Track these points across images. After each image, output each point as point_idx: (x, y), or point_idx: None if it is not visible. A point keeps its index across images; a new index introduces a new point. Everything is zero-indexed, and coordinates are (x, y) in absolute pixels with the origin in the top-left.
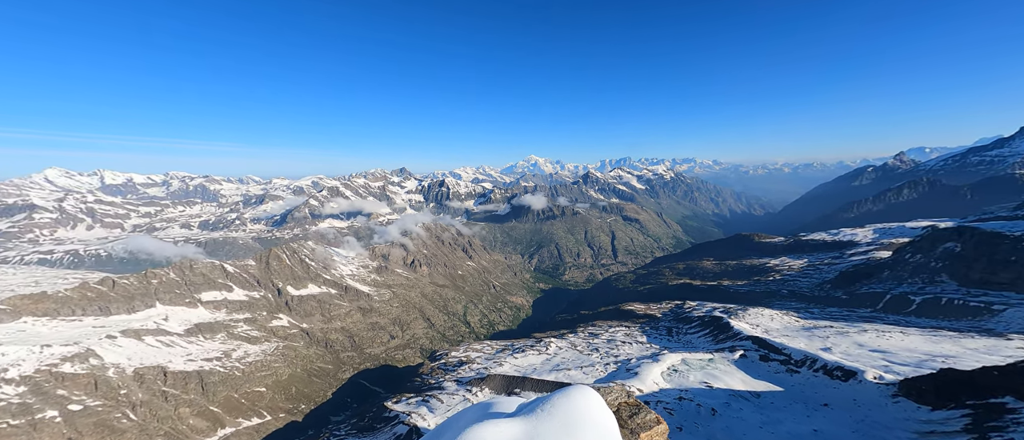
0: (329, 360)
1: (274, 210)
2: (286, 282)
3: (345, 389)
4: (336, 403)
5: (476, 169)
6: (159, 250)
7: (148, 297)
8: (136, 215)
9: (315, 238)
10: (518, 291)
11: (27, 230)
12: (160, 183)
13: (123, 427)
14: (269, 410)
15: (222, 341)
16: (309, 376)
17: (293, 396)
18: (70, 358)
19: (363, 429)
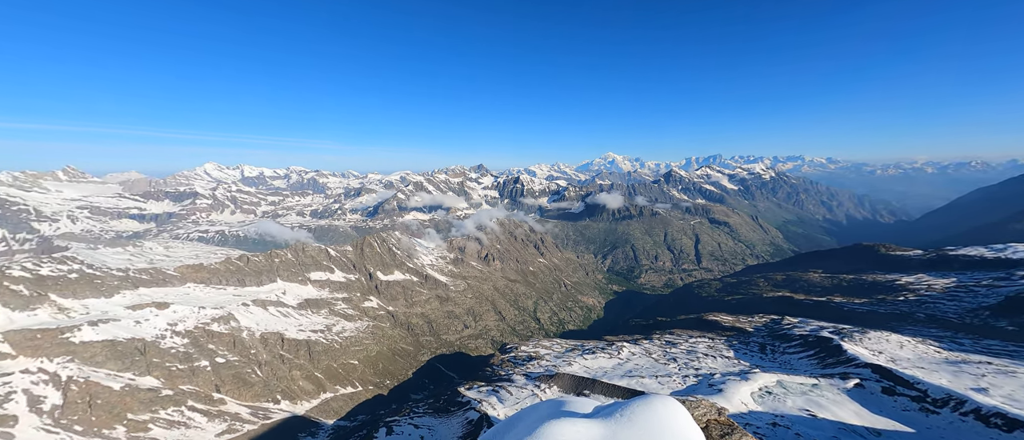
0: (410, 342)
1: (368, 202)
2: (376, 267)
3: (423, 370)
4: (415, 383)
5: (551, 166)
6: (280, 233)
7: (271, 273)
8: (265, 203)
9: (401, 229)
10: (589, 291)
11: (191, 213)
12: (282, 176)
13: (253, 381)
14: (360, 381)
15: (325, 316)
16: (393, 355)
17: (379, 371)
18: (217, 319)
19: (438, 410)
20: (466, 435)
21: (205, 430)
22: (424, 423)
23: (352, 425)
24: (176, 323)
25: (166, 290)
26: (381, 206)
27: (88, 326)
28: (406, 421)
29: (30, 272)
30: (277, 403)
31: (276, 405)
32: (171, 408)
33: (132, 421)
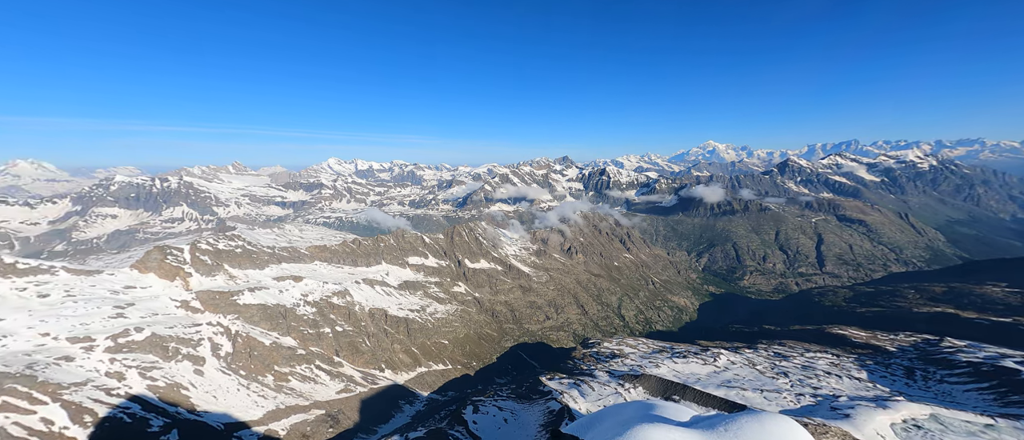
0: (494, 328)
1: (458, 193)
2: (464, 255)
3: (506, 356)
4: (499, 367)
5: (640, 157)
6: (383, 220)
7: (377, 256)
8: (373, 194)
9: (487, 219)
10: (681, 291)
11: (318, 201)
12: (387, 169)
13: (363, 350)
14: (450, 360)
15: (420, 297)
16: (479, 339)
17: (467, 353)
18: (336, 293)
19: (520, 396)
20: (547, 424)
21: (328, 386)
22: (507, 406)
23: (443, 399)
24: (307, 294)
25: (300, 266)
26: (470, 197)
27: (248, 292)
28: (491, 402)
29: (212, 247)
30: (382, 371)
31: (381, 372)
32: (304, 365)
33: (277, 372)
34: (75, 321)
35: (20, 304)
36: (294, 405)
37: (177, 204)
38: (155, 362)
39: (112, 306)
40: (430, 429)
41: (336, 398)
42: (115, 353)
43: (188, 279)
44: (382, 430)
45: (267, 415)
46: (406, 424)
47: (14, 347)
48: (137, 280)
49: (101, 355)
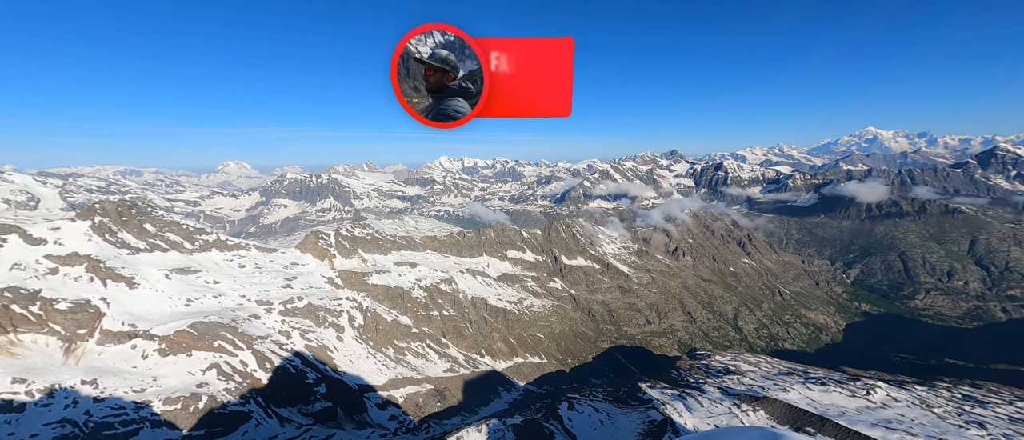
0: (590, 327)
1: (557, 189)
2: (561, 252)
3: (602, 357)
4: (595, 367)
5: (769, 149)
6: (485, 215)
7: (479, 248)
8: (476, 189)
9: (585, 216)
10: (820, 306)
11: (430, 196)
12: (490, 166)
13: (466, 335)
14: (545, 354)
15: (517, 290)
16: (574, 336)
17: (562, 349)
18: (444, 280)
19: (618, 400)
20: (647, 434)
21: (436, 364)
22: (603, 409)
23: (539, 391)
24: (420, 279)
25: (415, 254)
26: (568, 193)
27: (375, 273)
28: (586, 402)
29: (349, 234)
30: (482, 356)
31: (481, 358)
32: (417, 342)
33: (397, 346)
34: (260, 287)
35: (228, 271)
36: (409, 377)
37: (326, 197)
38: (310, 326)
39: (283, 278)
40: (526, 418)
41: (443, 376)
42: (284, 316)
43: (333, 260)
44: (482, 411)
45: (388, 382)
46: (504, 410)
47: (225, 304)
48: (299, 258)
49: (276, 316)
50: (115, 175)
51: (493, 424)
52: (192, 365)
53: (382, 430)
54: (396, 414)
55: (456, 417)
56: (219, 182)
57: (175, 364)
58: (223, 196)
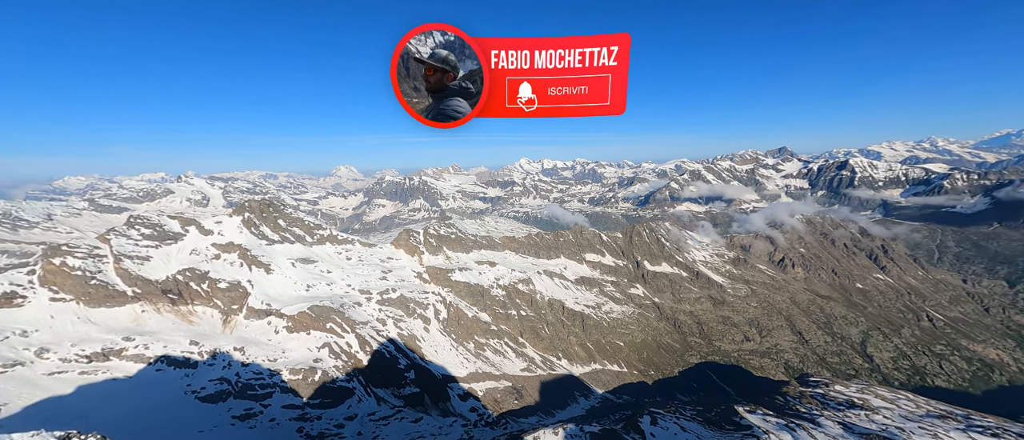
0: (676, 339)
1: (640, 191)
2: (643, 257)
3: (691, 373)
4: (682, 383)
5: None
6: (563, 217)
7: (557, 250)
8: (555, 191)
9: (671, 220)
10: (991, 338)
11: (510, 197)
12: (569, 167)
13: (543, 336)
14: (625, 363)
15: (595, 295)
16: (658, 347)
17: (643, 359)
18: (522, 281)
19: (710, 422)
20: None
21: (513, 363)
22: (691, 428)
23: (618, 401)
24: (499, 278)
25: (494, 253)
26: (652, 195)
27: (458, 271)
28: (672, 418)
29: (436, 233)
30: (558, 359)
31: (558, 360)
32: (495, 340)
33: (477, 341)
34: (362, 278)
35: (338, 263)
36: (488, 372)
37: (417, 198)
38: (401, 316)
39: (380, 271)
40: (605, 428)
41: (520, 375)
42: (381, 305)
43: (421, 256)
44: (559, 414)
45: (469, 376)
46: (581, 416)
47: (335, 291)
48: (393, 254)
49: (374, 305)
50: (259, 178)
51: (570, 429)
52: (310, 342)
53: (463, 420)
54: (476, 406)
55: (533, 417)
56: (332, 184)
57: (298, 340)
58: (335, 197)
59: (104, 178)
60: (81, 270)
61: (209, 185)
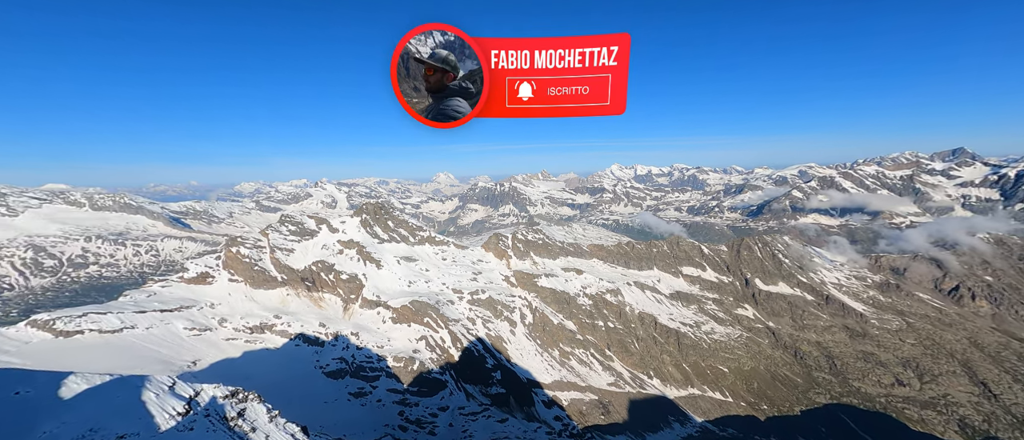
0: (798, 372)
1: (752, 200)
2: (754, 274)
3: (818, 414)
4: (804, 424)
5: None
6: (656, 226)
7: (649, 261)
8: (649, 198)
9: (792, 233)
10: None
11: (599, 204)
12: (666, 173)
13: (632, 351)
14: (730, 392)
15: (694, 312)
16: (772, 379)
17: (754, 390)
18: (610, 291)
19: None
20: None
21: (600, 376)
22: None
23: (722, 433)
24: (586, 287)
25: (581, 261)
26: (768, 205)
27: (544, 277)
28: None
29: (523, 238)
30: (649, 378)
31: (648, 379)
32: (581, 350)
33: (562, 349)
34: (454, 278)
35: (435, 262)
36: (573, 382)
37: (506, 203)
38: (489, 317)
39: (471, 272)
40: None
41: (606, 389)
42: (471, 304)
43: (509, 260)
44: (649, 438)
45: (553, 383)
46: None
47: (432, 288)
48: (483, 256)
49: (465, 304)
50: (374, 184)
51: None
52: (410, 334)
53: (548, 428)
54: (560, 415)
55: (621, 436)
56: (433, 190)
57: (400, 331)
58: (434, 201)
59: (265, 184)
60: (248, 258)
61: (337, 190)
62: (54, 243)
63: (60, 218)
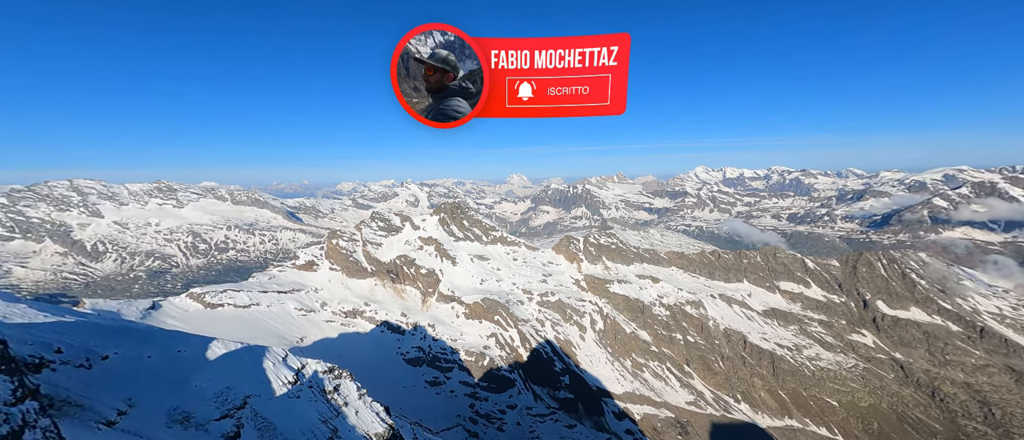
0: (936, 417)
1: (874, 208)
2: (876, 295)
3: None
4: None
5: None
6: (747, 234)
7: (738, 273)
8: (740, 204)
9: (931, 249)
10: None
11: (680, 209)
12: (762, 177)
13: (715, 370)
14: (841, 429)
15: (794, 334)
16: (900, 421)
17: (873, 432)
18: (690, 302)
19: None
20: None
21: (677, 393)
22: None
23: None
24: (662, 296)
25: (657, 268)
26: (897, 215)
27: (616, 283)
28: None
29: (595, 242)
30: (737, 402)
31: (735, 403)
32: (656, 363)
33: (635, 360)
34: (525, 278)
35: (505, 262)
36: (646, 397)
37: (578, 206)
38: (558, 320)
39: (541, 273)
40: None
41: (685, 408)
42: (540, 306)
43: (580, 264)
44: None
45: (625, 394)
46: None
47: (502, 287)
48: (553, 259)
49: (534, 305)
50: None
51: None
52: (481, 330)
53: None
54: (632, 429)
55: None
56: (506, 191)
57: (472, 326)
58: (507, 202)
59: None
60: (345, 250)
61: (420, 189)
62: (206, 230)
63: (210, 210)
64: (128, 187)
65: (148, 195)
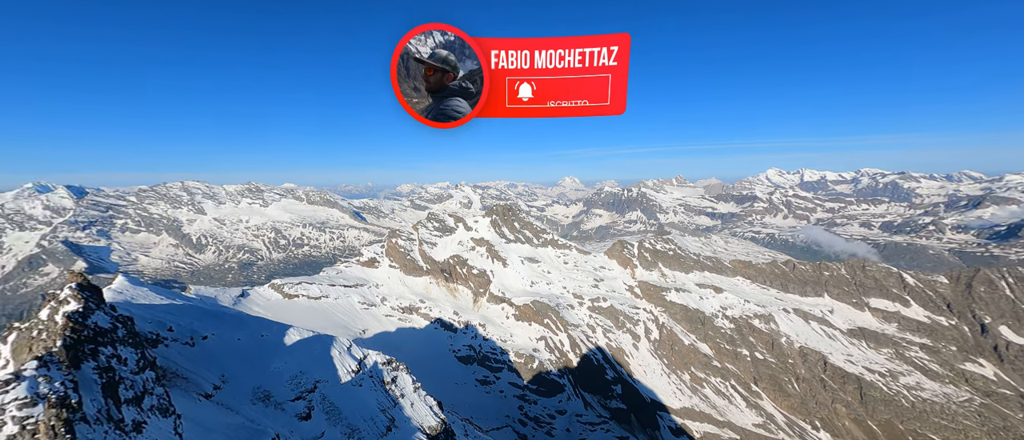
0: None
1: (997, 217)
2: (999, 319)
3: None
4: None
5: None
6: (829, 244)
7: (818, 286)
8: (821, 210)
9: None
10: None
11: (748, 214)
12: (849, 180)
13: (789, 391)
14: None
15: (888, 357)
16: None
17: None
18: (759, 316)
19: None
20: None
21: (743, 413)
22: None
23: None
24: (726, 308)
25: (721, 278)
26: None
27: (674, 291)
28: None
29: (652, 247)
30: (816, 430)
31: (814, 430)
32: (718, 378)
33: (694, 374)
34: (575, 282)
35: (556, 265)
36: (707, 414)
37: (633, 209)
38: (610, 326)
39: (593, 278)
40: None
41: (752, 431)
42: (591, 311)
43: (634, 270)
44: None
45: (682, 410)
46: None
47: (552, 291)
48: (605, 263)
49: (585, 310)
50: (504, 187)
51: None
52: (531, 333)
53: None
54: None
55: None
56: (557, 194)
57: (521, 328)
58: (558, 205)
59: (418, 185)
60: (403, 248)
61: (473, 192)
62: (286, 228)
63: (289, 209)
64: (225, 188)
65: (240, 195)
